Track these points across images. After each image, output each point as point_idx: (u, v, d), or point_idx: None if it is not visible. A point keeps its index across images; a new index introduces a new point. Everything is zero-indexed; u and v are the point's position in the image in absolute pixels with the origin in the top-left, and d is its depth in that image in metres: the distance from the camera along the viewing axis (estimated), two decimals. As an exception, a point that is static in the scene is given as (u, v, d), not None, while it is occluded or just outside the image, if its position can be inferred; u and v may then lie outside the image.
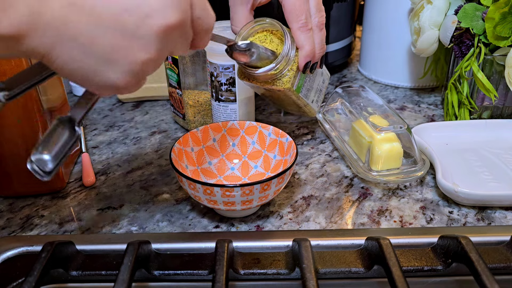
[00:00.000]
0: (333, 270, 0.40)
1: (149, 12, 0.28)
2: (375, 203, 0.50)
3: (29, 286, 0.35)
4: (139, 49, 0.29)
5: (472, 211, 0.49)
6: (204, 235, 0.45)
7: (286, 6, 0.47)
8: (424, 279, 0.42)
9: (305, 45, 0.48)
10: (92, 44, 0.28)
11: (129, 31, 0.28)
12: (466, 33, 0.60)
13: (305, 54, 0.49)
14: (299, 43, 0.48)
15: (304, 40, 0.48)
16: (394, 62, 0.78)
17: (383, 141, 0.51)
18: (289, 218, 0.48)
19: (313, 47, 0.49)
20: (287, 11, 0.47)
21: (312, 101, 0.58)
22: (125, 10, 0.27)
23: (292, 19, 0.47)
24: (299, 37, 0.48)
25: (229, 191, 0.42)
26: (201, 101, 0.63)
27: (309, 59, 0.50)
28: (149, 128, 0.68)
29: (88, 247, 0.42)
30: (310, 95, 0.57)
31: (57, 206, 0.51)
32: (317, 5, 0.48)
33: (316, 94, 0.59)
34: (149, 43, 0.29)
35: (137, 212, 0.50)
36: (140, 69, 0.30)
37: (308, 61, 0.50)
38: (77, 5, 0.26)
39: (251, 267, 0.40)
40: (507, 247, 0.41)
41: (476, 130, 0.60)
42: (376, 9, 0.78)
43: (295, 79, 0.51)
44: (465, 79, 0.61)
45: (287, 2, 0.47)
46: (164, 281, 0.41)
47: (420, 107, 0.73)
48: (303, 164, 0.58)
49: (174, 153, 0.48)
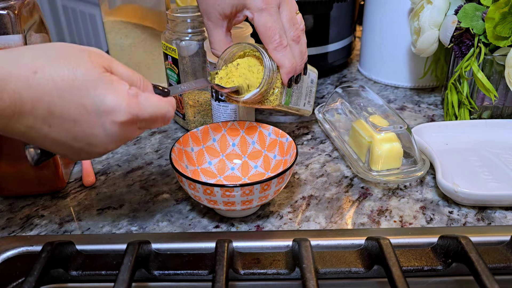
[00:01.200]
0: (333, 270, 0.40)
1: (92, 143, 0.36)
2: (375, 203, 0.50)
3: (29, 286, 0.35)
4: (85, 155, 0.38)
5: (472, 211, 0.49)
6: (204, 235, 0.45)
7: (258, 28, 0.47)
8: (424, 279, 0.42)
9: (285, 63, 0.49)
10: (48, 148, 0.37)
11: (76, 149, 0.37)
12: (466, 33, 0.60)
13: (287, 71, 0.49)
14: (278, 62, 0.49)
15: (282, 58, 0.48)
16: (394, 62, 0.78)
17: (383, 141, 0.51)
18: (289, 218, 0.48)
19: (293, 62, 0.49)
20: (261, 34, 0.48)
21: (303, 104, 0.59)
22: (73, 139, 0.35)
23: (266, 40, 0.47)
24: (276, 56, 0.48)
25: (229, 191, 0.42)
26: (201, 101, 0.63)
27: (292, 74, 0.50)
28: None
29: (88, 247, 0.42)
30: (301, 101, 0.58)
31: (57, 206, 0.51)
32: (289, 20, 0.48)
33: (306, 96, 0.59)
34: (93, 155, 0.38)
35: (137, 212, 0.50)
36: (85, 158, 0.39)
37: (291, 76, 0.50)
38: (35, 129, 0.34)
39: (251, 267, 0.40)
40: (507, 247, 0.41)
41: (476, 130, 0.60)
42: (376, 9, 0.78)
43: (281, 95, 0.51)
44: (465, 79, 0.61)
45: (259, 25, 0.47)
46: (164, 281, 0.41)
47: (420, 107, 0.73)
48: (303, 164, 0.58)
49: (174, 153, 0.48)
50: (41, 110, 0.33)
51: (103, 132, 0.35)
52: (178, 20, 0.59)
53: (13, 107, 0.32)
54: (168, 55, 0.62)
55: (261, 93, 0.49)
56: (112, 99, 0.34)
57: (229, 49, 0.50)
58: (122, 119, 0.35)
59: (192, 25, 0.59)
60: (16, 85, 0.32)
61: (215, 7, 0.48)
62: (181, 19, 0.59)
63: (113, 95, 0.35)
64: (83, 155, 0.37)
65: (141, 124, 0.37)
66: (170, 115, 0.39)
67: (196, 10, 0.61)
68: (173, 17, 0.59)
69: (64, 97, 0.33)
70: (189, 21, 0.59)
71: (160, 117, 0.38)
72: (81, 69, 0.34)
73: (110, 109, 0.35)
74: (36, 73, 0.32)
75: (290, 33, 0.49)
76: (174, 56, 0.60)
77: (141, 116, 0.36)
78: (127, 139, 0.38)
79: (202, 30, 0.59)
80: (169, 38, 0.60)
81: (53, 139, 0.35)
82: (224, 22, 0.49)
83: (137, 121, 0.36)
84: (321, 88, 0.81)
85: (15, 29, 0.44)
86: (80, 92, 0.34)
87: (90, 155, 0.38)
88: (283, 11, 0.48)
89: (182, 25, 0.59)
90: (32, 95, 0.32)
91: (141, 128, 0.38)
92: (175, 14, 0.59)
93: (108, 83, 0.35)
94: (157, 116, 0.38)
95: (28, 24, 0.47)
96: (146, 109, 0.37)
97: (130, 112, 0.35)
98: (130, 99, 0.35)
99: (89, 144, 0.36)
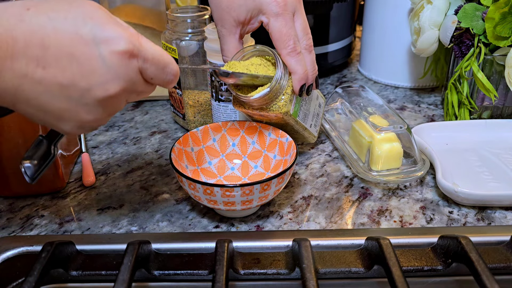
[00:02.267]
0: (333, 270, 0.40)
1: (91, 85, 0.32)
2: (375, 203, 0.50)
3: (29, 286, 0.35)
4: (85, 113, 0.34)
5: (472, 211, 0.49)
6: (204, 235, 0.45)
7: (273, 33, 0.48)
8: (424, 279, 0.42)
9: (297, 69, 0.49)
10: (43, 107, 0.32)
11: (73, 100, 0.32)
12: (466, 33, 0.60)
13: (299, 78, 0.49)
14: (291, 68, 0.49)
15: (295, 64, 0.48)
16: (394, 62, 0.78)
17: (383, 141, 0.51)
18: (289, 218, 0.48)
19: (306, 69, 0.49)
20: (275, 39, 0.48)
21: (310, 125, 0.57)
22: (71, 83, 0.32)
23: (280, 45, 0.48)
24: (289, 62, 0.48)
25: (229, 191, 0.42)
26: (201, 101, 0.63)
27: (304, 81, 0.50)
28: (149, 128, 0.68)
29: (88, 247, 0.42)
30: (308, 120, 0.56)
31: (57, 206, 0.51)
32: (303, 29, 0.49)
33: (313, 118, 0.58)
34: (92, 108, 0.34)
35: (137, 212, 0.50)
36: (89, 125, 0.35)
37: (302, 84, 0.50)
38: (28, 76, 0.30)
39: (251, 267, 0.40)
40: (507, 247, 0.41)
41: (476, 130, 0.60)
42: (376, 9, 0.78)
43: (291, 103, 0.51)
44: (465, 79, 0.61)
45: (274, 30, 0.47)
46: (164, 281, 0.41)
47: (420, 107, 0.73)
48: (303, 164, 0.58)
49: (174, 153, 0.48)
50: (34, 48, 0.30)
51: (102, 64, 0.32)
52: (178, 20, 0.59)
53: (4, 48, 0.29)
54: (168, 55, 0.62)
55: (270, 96, 0.48)
56: (112, 28, 0.32)
57: (240, 52, 0.50)
58: (123, 48, 0.32)
59: (192, 25, 0.59)
60: (8, 22, 0.30)
61: (230, 13, 0.48)
62: (181, 19, 0.59)
63: (113, 25, 0.32)
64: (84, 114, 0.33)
65: (144, 64, 0.34)
66: (173, 67, 0.36)
67: (196, 10, 0.61)
68: (173, 17, 0.59)
69: (58, 28, 0.31)
70: (189, 21, 0.59)
71: (163, 64, 0.35)
72: (78, 2, 0.32)
73: (109, 38, 0.32)
74: (29, 9, 0.30)
75: (303, 41, 0.49)
76: (174, 56, 0.60)
77: (143, 53, 0.34)
78: (130, 81, 0.34)
79: (202, 30, 0.59)
80: (169, 38, 0.60)
81: (48, 87, 0.31)
82: (238, 29, 0.49)
83: (139, 57, 0.34)
84: (321, 88, 0.81)
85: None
86: (76, 22, 0.31)
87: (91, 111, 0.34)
88: (298, 19, 0.49)
89: (182, 25, 0.59)
90: (25, 30, 0.30)
91: (144, 73, 0.35)
92: (175, 14, 0.59)
93: (107, 17, 0.32)
94: (160, 61, 0.35)
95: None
96: (148, 49, 0.34)
97: (132, 42, 0.33)
98: (131, 33, 0.33)
99: (88, 88, 0.32)
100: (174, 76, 0.37)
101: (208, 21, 0.60)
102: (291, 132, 0.55)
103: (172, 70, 0.36)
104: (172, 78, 0.37)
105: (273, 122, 0.54)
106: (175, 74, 0.37)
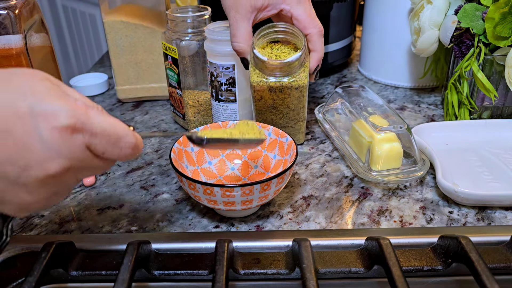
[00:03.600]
0: (333, 270, 0.40)
1: (28, 163, 0.29)
2: (375, 203, 0.50)
3: (29, 286, 0.35)
4: (24, 194, 0.30)
5: (472, 211, 0.49)
6: (204, 235, 0.45)
7: (299, 17, 0.52)
8: (424, 279, 0.42)
9: (321, 49, 0.54)
10: None
11: (11, 179, 0.29)
12: (466, 33, 0.60)
13: (319, 56, 0.54)
14: (317, 46, 0.53)
15: (321, 44, 0.54)
16: (394, 62, 0.78)
17: (383, 141, 0.51)
18: (289, 218, 0.48)
19: (323, 51, 0.54)
20: (302, 21, 0.52)
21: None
22: (6, 161, 0.28)
23: (310, 25, 0.52)
24: (318, 41, 0.53)
25: (229, 191, 0.42)
26: (201, 101, 0.63)
27: (320, 62, 0.55)
28: (149, 128, 0.68)
29: (88, 247, 0.42)
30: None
31: (57, 206, 0.51)
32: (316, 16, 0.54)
33: None
34: (33, 189, 0.30)
35: (137, 212, 0.50)
36: (33, 207, 0.32)
37: (318, 64, 0.55)
38: None
39: (251, 267, 0.40)
40: (507, 247, 0.41)
41: (476, 130, 0.60)
42: (376, 9, 0.78)
43: (309, 76, 0.55)
44: (465, 79, 0.61)
45: (300, 14, 0.52)
46: (164, 281, 0.41)
47: (420, 107, 0.73)
48: (303, 164, 0.58)
49: (174, 153, 0.48)
50: None
51: (40, 141, 0.28)
52: (178, 20, 0.59)
53: None
54: (168, 55, 0.62)
55: (296, 63, 0.52)
56: (52, 102, 0.28)
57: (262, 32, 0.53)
58: (63, 123, 0.28)
59: (192, 25, 0.59)
60: None
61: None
62: (181, 19, 0.59)
63: (54, 99, 0.29)
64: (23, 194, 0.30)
65: (91, 139, 0.30)
66: (129, 140, 0.32)
67: (196, 10, 0.61)
68: (173, 17, 0.59)
69: None
70: (189, 21, 0.59)
71: (115, 137, 0.31)
72: (21, 74, 0.29)
73: (48, 112, 0.28)
74: None
75: None
76: (174, 56, 0.60)
77: (89, 126, 0.30)
78: (76, 159, 0.30)
79: (202, 30, 0.59)
80: (169, 38, 0.60)
81: None
82: (253, 15, 0.52)
83: (84, 131, 0.29)
84: (321, 88, 0.81)
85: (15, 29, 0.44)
86: (15, 96, 0.28)
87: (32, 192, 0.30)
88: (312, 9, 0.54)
89: (182, 25, 0.59)
90: None
91: (94, 149, 0.31)
92: (175, 14, 0.59)
93: (51, 89, 0.29)
94: (111, 135, 0.31)
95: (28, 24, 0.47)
96: (98, 122, 0.30)
97: (75, 116, 0.29)
98: (76, 106, 0.29)
99: (25, 167, 0.29)
100: (132, 150, 0.32)
101: (208, 21, 0.60)
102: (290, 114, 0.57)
103: (127, 144, 0.32)
104: (129, 151, 0.32)
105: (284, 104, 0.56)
106: (133, 147, 0.32)
